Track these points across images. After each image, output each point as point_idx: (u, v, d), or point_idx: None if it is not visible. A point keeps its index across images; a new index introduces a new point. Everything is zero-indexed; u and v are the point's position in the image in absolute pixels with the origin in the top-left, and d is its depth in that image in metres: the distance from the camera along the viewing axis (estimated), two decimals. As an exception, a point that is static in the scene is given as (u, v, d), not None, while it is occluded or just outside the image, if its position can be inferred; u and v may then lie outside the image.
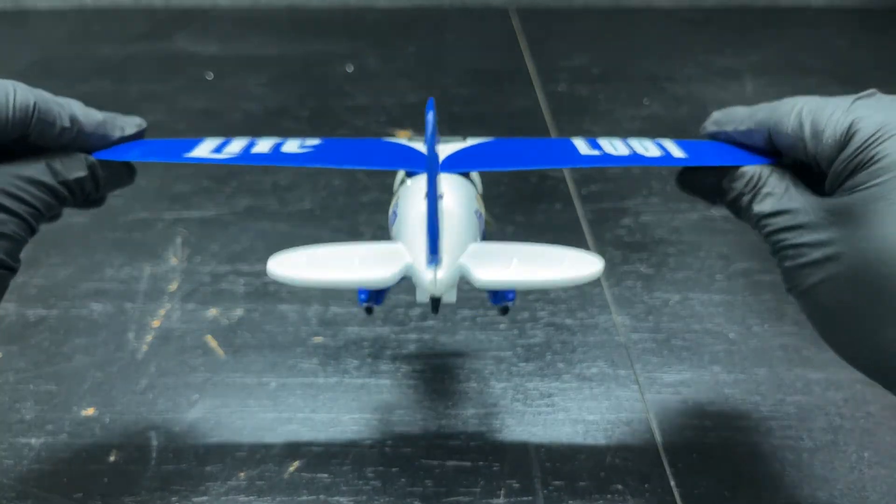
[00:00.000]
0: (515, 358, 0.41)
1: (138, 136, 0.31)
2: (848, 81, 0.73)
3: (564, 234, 0.51)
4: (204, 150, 0.30)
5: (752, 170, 0.28)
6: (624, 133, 0.63)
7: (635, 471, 0.35)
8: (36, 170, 0.27)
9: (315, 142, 0.31)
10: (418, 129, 0.64)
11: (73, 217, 0.51)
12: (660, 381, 0.40)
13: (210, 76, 0.72)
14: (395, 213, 0.28)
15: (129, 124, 0.31)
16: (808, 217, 0.26)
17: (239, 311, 0.44)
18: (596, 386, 0.40)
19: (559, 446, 0.36)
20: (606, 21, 0.88)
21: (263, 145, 0.31)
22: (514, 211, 0.53)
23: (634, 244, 0.51)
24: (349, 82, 0.72)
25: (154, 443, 0.36)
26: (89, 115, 0.29)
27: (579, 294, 0.46)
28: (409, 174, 0.29)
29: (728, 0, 0.92)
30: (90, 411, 0.38)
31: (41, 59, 0.75)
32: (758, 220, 0.28)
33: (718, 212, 0.53)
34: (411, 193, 0.27)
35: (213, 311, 0.44)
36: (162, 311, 0.44)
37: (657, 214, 0.53)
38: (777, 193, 0.27)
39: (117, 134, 0.30)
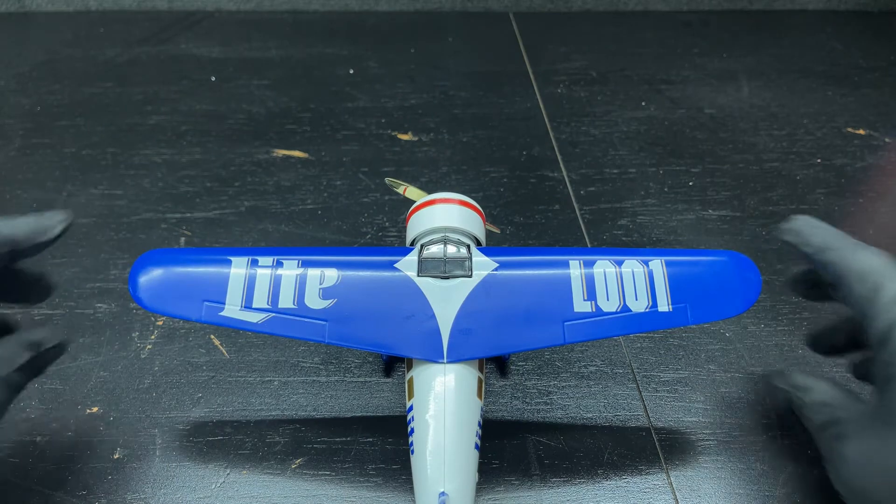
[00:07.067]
0: (514, 356, 0.42)
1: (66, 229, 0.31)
2: (844, 84, 0.73)
3: (562, 234, 0.52)
4: (233, 303, 0.32)
5: (802, 379, 0.31)
6: (621, 135, 0.64)
7: (632, 468, 0.35)
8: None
9: (333, 275, 0.33)
10: (418, 131, 0.64)
11: (78, 217, 0.52)
12: (657, 379, 0.40)
13: (213, 78, 0.73)
14: (412, 419, 0.31)
15: (56, 223, 0.31)
16: (853, 427, 0.27)
17: (241, 311, 0.45)
18: (594, 384, 0.40)
19: (557, 443, 0.36)
20: (604, 24, 0.88)
21: (287, 286, 0.33)
22: (513, 212, 0.54)
23: (631, 244, 0.51)
24: (350, 85, 0.72)
25: (158, 440, 0.36)
26: (16, 227, 0.29)
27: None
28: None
29: (724, 3, 0.92)
30: (95, 410, 0.38)
31: (45, 61, 0.76)
32: (814, 431, 0.30)
33: (716, 212, 0.54)
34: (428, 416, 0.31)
35: (215, 311, 0.45)
36: (165, 311, 0.45)
37: (654, 215, 0.54)
38: (830, 403, 0.29)
39: (46, 238, 0.30)
